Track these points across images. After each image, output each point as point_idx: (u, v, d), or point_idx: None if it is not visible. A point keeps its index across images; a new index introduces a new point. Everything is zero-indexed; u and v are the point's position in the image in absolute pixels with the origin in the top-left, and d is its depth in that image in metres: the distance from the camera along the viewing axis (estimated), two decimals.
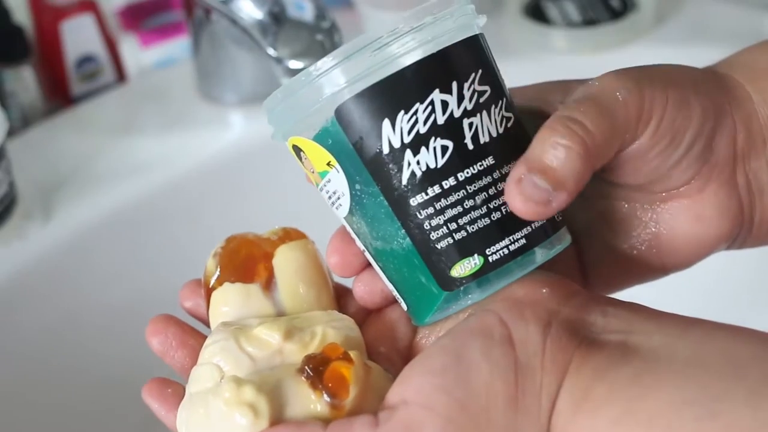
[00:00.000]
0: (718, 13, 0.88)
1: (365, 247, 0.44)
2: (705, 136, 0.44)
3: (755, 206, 0.46)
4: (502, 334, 0.41)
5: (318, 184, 0.44)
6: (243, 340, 0.43)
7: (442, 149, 0.42)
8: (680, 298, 0.61)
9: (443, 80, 0.42)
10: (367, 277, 0.46)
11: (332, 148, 0.43)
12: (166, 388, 0.44)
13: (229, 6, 0.70)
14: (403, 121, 0.42)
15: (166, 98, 0.85)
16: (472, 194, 0.42)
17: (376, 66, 0.41)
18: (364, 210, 0.43)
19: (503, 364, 0.40)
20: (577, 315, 0.42)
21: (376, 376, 0.43)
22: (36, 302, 0.73)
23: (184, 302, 0.48)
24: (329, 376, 0.41)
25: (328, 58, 0.42)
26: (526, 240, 0.43)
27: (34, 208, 0.74)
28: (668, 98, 0.43)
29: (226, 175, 0.81)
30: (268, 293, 0.46)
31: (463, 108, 0.42)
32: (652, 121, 0.43)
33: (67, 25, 0.83)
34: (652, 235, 0.46)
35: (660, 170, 0.44)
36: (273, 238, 0.47)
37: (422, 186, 0.42)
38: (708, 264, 0.49)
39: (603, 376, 0.39)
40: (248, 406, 0.40)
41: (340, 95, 0.42)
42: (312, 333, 0.43)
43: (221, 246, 0.47)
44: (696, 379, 0.38)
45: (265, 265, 0.46)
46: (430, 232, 0.42)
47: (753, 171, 0.46)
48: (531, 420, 0.40)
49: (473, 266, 0.42)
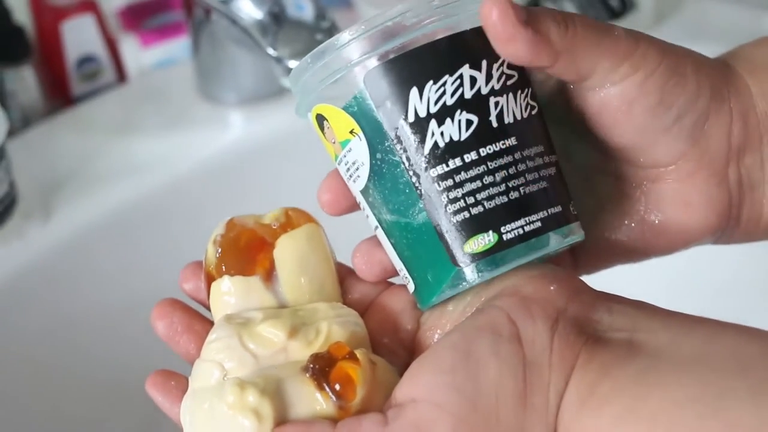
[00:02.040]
0: (718, 12, 0.88)
1: (378, 222, 0.45)
2: (698, 112, 0.45)
3: (744, 201, 0.46)
4: (511, 332, 0.41)
5: (337, 156, 0.45)
6: (246, 337, 0.42)
7: (467, 123, 0.42)
8: (686, 297, 0.61)
9: (474, 57, 0.43)
10: (365, 247, 0.46)
11: (357, 115, 0.43)
12: (169, 381, 0.44)
13: (229, 6, 0.70)
14: (431, 91, 0.42)
15: (166, 98, 0.85)
16: (492, 171, 0.42)
17: (409, 35, 0.42)
18: (382, 180, 0.43)
19: (512, 361, 0.40)
20: (583, 312, 0.42)
21: (381, 371, 0.42)
22: (36, 302, 0.73)
23: (183, 284, 0.47)
24: (336, 377, 0.41)
25: (361, 24, 0.42)
26: (542, 223, 0.43)
27: (34, 208, 0.74)
28: (663, 61, 0.44)
29: (225, 175, 0.81)
30: (269, 285, 0.45)
31: (491, 86, 0.43)
32: (641, 71, 0.43)
33: (67, 25, 0.83)
34: (639, 216, 0.47)
35: (647, 132, 0.45)
36: (274, 225, 0.46)
37: (444, 157, 0.42)
38: (714, 263, 0.49)
39: (608, 374, 0.39)
40: (251, 410, 0.40)
41: (371, 61, 0.42)
42: (317, 330, 0.43)
43: (221, 234, 0.46)
44: (700, 376, 0.38)
45: (266, 254, 0.45)
46: (447, 204, 0.42)
47: (746, 166, 0.46)
48: (539, 417, 0.40)
49: (487, 243, 0.42)
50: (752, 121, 0.46)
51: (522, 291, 0.42)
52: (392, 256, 0.45)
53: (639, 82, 0.44)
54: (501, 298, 0.42)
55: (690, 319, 0.41)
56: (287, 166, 0.81)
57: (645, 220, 0.47)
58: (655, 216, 0.46)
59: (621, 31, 0.44)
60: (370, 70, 0.42)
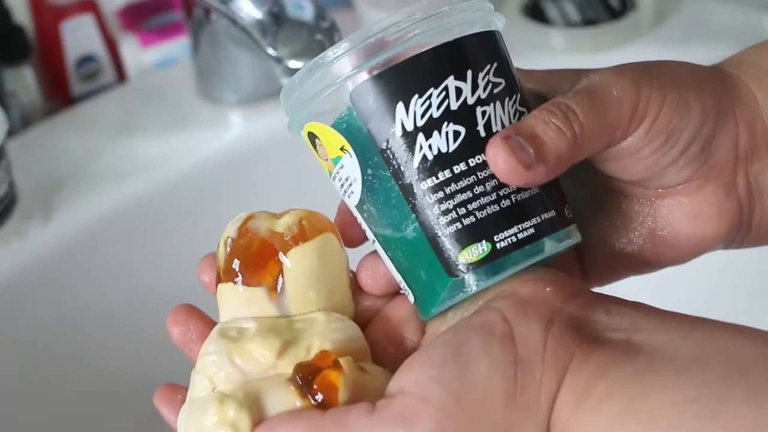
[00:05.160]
0: (718, 12, 0.88)
1: (375, 236, 0.45)
2: (704, 137, 0.44)
3: (755, 208, 0.46)
4: (504, 331, 0.41)
5: (331, 172, 0.45)
6: (236, 354, 0.43)
7: (455, 134, 0.42)
8: (685, 297, 0.61)
9: (459, 68, 0.42)
10: (369, 262, 0.46)
11: (346, 132, 0.43)
12: (176, 395, 0.45)
13: (229, 6, 0.70)
14: (417, 105, 0.42)
15: (166, 98, 0.85)
16: (482, 180, 0.42)
17: (392, 50, 0.42)
18: (375, 195, 0.43)
19: (503, 359, 0.40)
20: (580, 313, 0.42)
21: (376, 378, 0.43)
22: (36, 302, 0.73)
23: (201, 275, 0.47)
24: (319, 385, 0.41)
25: (345, 42, 0.42)
26: (535, 230, 0.43)
27: (34, 208, 0.74)
28: (666, 99, 0.43)
29: (225, 175, 0.81)
30: (274, 296, 0.45)
31: (477, 96, 0.43)
32: (646, 120, 0.43)
33: (67, 25, 0.83)
34: (649, 231, 0.47)
35: (655, 168, 0.45)
36: (287, 235, 0.45)
37: (433, 170, 0.42)
38: (713, 264, 0.49)
39: (605, 374, 0.39)
40: (230, 424, 0.41)
41: (355, 78, 0.42)
42: (307, 348, 0.43)
43: (232, 237, 0.45)
44: (698, 377, 0.38)
45: (275, 264, 0.45)
46: (440, 216, 0.42)
47: (754, 173, 0.46)
48: (529, 415, 0.40)
49: (481, 252, 0.42)
50: (759, 129, 0.46)
51: (518, 293, 0.42)
52: (391, 269, 0.45)
53: (645, 130, 0.44)
54: (497, 300, 0.42)
55: (688, 320, 0.41)
56: (287, 166, 0.81)
57: (655, 234, 0.47)
58: (666, 230, 0.46)
59: (620, 86, 0.43)
60: (355, 87, 0.42)
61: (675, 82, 0.44)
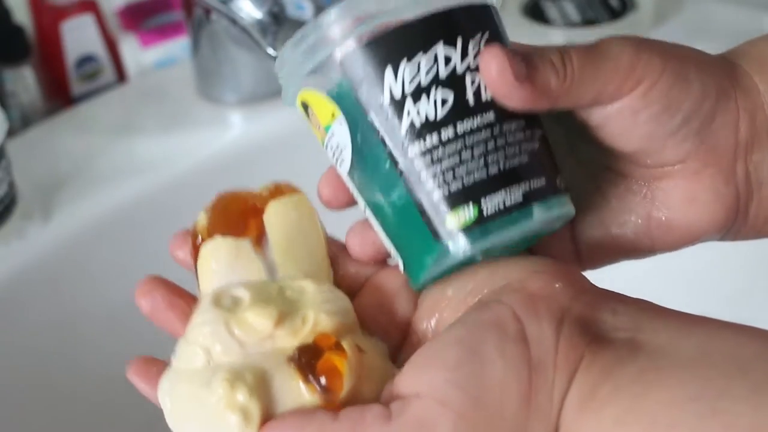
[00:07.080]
0: (718, 12, 0.89)
1: (366, 204, 0.45)
2: (703, 114, 0.44)
3: (752, 198, 0.46)
4: (516, 330, 0.40)
5: (324, 141, 0.45)
6: (233, 324, 0.42)
7: (443, 101, 0.42)
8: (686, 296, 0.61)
9: (449, 35, 0.43)
10: (359, 227, 0.46)
11: (337, 98, 0.43)
12: (151, 367, 0.44)
13: (229, 6, 0.71)
14: (406, 71, 0.42)
15: (166, 98, 0.85)
16: (470, 146, 0.42)
17: (383, 17, 0.42)
18: (364, 162, 0.44)
19: (518, 361, 0.40)
20: (588, 312, 0.42)
21: (370, 356, 0.42)
22: (36, 302, 0.73)
23: (176, 251, 0.47)
24: (322, 369, 0.41)
25: (335, 8, 0.43)
26: (524, 196, 0.43)
27: (34, 208, 0.74)
28: (666, 68, 0.44)
29: (225, 175, 0.81)
30: (259, 249, 0.45)
31: (467, 64, 0.43)
32: (644, 82, 0.43)
33: (67, 25, 0.83)
34: (645, 213, 0.47)
35: (654, 138, 0.44)
36: (264, 193, 0.47)
37: (421, 135, 0.42)
38: (714, 262, 0.49)
39: (609, 375, 0.39)
40: (240, 408, 0.40)
41: (347, 45, 0.43)
42: (303, 318, 0.43)
43: (212, 203, 0.46)
44: (699, 376, 0.38)
45: (256, 221, 0.46)
46: (426, 181, 0.43)
47: (754, 163, 0.46)
48: (542, 417, 0.40)
49: (468, 217, 0.42)
50: (760, 119, 0.46)
51: (527, 287, 0.42)
52: (381, 236, 0.45)
53: (643, 93, 0.44)
54: (506, 293, 0.42)
55: (690, 319, 0.41)
56: (287, 166, 0.81)
57: (651, 216, 0.47)
58: (662, 212, 0.46)
59: (620, 46, 0.44)
60: (347, 53, 0.43)
61: (677, 57, 0.45)
